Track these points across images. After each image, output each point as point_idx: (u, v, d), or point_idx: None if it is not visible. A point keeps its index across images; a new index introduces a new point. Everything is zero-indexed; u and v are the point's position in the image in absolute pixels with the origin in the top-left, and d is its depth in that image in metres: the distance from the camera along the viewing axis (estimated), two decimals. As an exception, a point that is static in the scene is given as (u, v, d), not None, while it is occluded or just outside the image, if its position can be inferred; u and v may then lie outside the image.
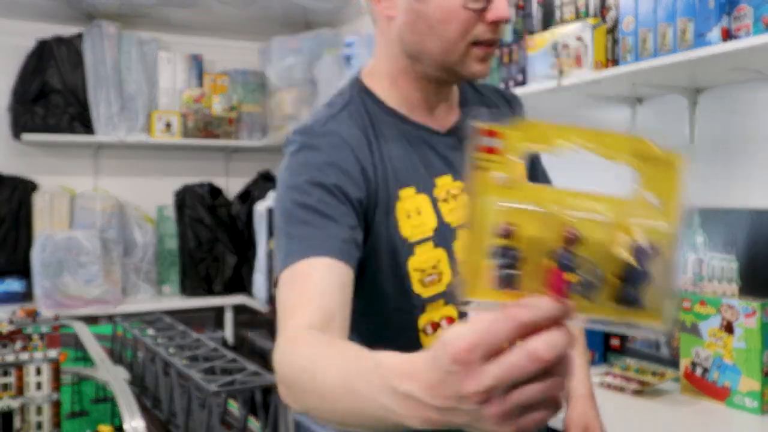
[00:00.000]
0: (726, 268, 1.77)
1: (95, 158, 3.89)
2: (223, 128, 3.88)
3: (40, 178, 3.69)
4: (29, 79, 3.55)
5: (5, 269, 3.46)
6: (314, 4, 3.63)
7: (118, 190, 3.84)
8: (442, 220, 0.97)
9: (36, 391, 1.41)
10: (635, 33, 1.74)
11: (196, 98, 3.83)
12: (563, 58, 1.91)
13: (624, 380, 1.77)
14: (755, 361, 1.61)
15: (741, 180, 1.84)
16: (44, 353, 1.42)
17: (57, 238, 3.36)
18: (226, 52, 4.16)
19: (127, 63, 3.68)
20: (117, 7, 3.57)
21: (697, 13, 1.58)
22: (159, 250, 3.80)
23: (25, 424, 1.40)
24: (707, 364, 1.70)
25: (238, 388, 1.42)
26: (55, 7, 3.54)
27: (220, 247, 3.75)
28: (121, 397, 1.49)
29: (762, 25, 1.44)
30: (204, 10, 3.66)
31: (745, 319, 1.63)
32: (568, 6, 1.96)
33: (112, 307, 3.41)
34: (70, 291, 3.33)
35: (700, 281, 1.83)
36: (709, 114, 1.92)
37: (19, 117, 3.53)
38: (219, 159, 4.22)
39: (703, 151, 1.94)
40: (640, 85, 1.87)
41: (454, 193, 0.99)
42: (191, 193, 3.76)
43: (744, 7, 1.48)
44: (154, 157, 4.04)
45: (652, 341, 1.94)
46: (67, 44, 3.59)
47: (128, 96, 3.69)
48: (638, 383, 1.74)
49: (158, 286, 3.80)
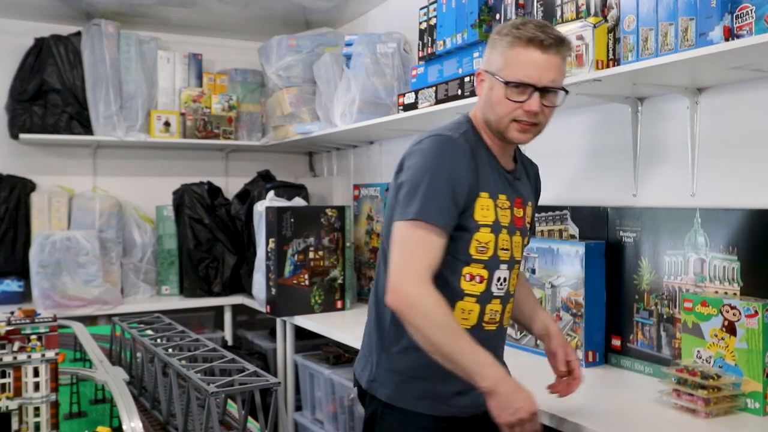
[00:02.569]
0: (727, 268, 1.76)
1: (94, 158, 3.88)
2: (223, 128, 3.88)
3: (39, 177, 3.68)
4: (27, 78, 3.54)
5: (3, 269, 3.46)
6: (314, 4, 3.62)
7: (116, 189, 3.84)
8: (497, 218, 1.51)
9: (34, 392, 1.40)
10: (636, 32, 1.73)
11: (196, 98, 3.83)
12: (564, 57, 1.90)
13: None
14: (757, 362, 1.61)
15: (743, 180, 1.84)
16: (42, 354, 1.41)
17: (55, 238, 3.35)
18: (226, 51, 4.15)
19: (126, 62, 3.67)
20: (116, 6, 3.56)
21: (698, 12, 1.57)
22: (158, 250, 3.79)
23: (23, 425, 1.39)
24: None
25: (237, 388, 1.41)
26: (54, 6, 3.53)
27: (220, 247, 3.74)
28: (120, 398, 1.49)
29: (764, 24, 1.43)
30: (203, 10, 3.65)
31: (746, 320, 1.63)
32: (569, 5, 1.96)
33: (111, 308, 3.40)
34: (69, 291, 3.32)
35: (701, 282, 1.83)
36: (711, 113, 1.92)
37: (17, 116, 3.53)
38: (218, 158, 4.21)
39: (705, 151, 1.93)
40: (641, 84, 1.87)
41: (505, 206, 1.53)
42: (190, 192, 3.75)
43: (746, 5, 1.47)
44: (153, 157, 4.03)
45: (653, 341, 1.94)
46: (66, 43, 3.58)
47: (127, 95, 3.68)
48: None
49: (157, 286, 3.80)
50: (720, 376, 1.63)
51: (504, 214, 1.52)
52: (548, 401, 1.69)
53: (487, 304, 1.53)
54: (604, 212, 2.12)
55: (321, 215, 3.09)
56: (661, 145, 2.06)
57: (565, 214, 2.25)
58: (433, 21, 2.51)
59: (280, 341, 3.28)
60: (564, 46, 1.46)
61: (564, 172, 2.39)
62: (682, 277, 1.88)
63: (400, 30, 3.15)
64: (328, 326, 2.80)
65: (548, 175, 2.39)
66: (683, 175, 1.97)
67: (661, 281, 1.94)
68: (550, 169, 2.41)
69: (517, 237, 1.57)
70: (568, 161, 2.36)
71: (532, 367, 2.05)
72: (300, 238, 3.05)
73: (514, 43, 1.44)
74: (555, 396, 1.60)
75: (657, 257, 1.95)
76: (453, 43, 2.39)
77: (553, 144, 2.37)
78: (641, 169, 2.12)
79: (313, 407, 3.05)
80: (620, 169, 2.18)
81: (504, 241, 1.53)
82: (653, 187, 2.09)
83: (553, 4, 2.01)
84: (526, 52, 1.42)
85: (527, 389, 1.38)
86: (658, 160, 2.07)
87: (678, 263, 1.89)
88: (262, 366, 3.41)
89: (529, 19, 1.55)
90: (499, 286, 1.55)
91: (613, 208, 2.10)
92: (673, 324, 1.90)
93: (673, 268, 1.90)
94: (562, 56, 1.46)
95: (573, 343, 2.07)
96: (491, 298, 1.54)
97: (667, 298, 1.92)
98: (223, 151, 4.17)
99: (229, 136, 3.89)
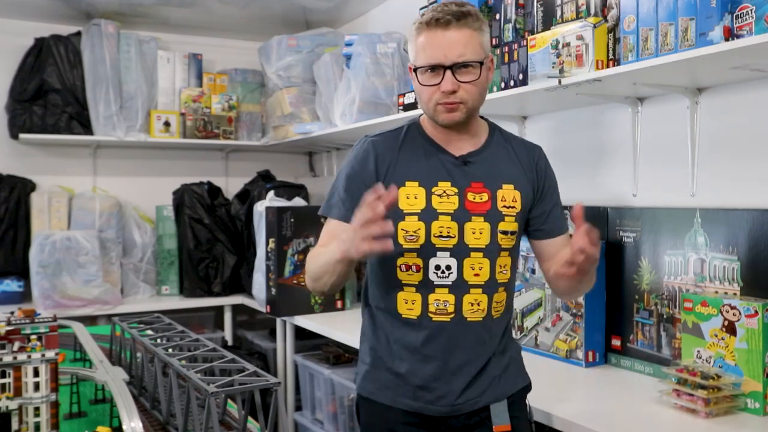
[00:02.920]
0: (727, 268, 1.76)
1: (94, 158, 3.88)
2: (223, 128, 3.88)
3: (39, 177, 3.68)
4: (27, 78, 3.54)
5: (3, 269, 3.46)
6: (314, 4, 3.62)
7: (116, 189, 3.84)
8: (429, 206, 1.50)
9: (34, 392, 1.40)
10: (636, 32, 1.73)
11: (195, 98, 3.83)
12: (564, 57, 1.90)
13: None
14: (757, 362, 1.61)
15: (743, 180, 1.84)
16: (42, 354, 1.41)
17: (55, 238, 3.35)
18: (226, 51, 4.15)
19: (126, 62, 3.67)
20: (116, 6, 3.56)
21: (698, 12, 1.57)
22: (158, 250, 3.79)
23: (23, 425, 1.39)
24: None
25: (237, 388, 1.41)
26: (54, 6, 3.53)
27: (219, 247, 3.74)
28: (120, 398, 1.49)
29: (764, 24, 1.43)
30: (203, 10, 3.65)
31: (746, 320, 1.63)
32: (569, 4, 1.95)
33: (111, 308, 3.40)
34: (69, 291, 3.32)
35: (701, 282, 1.83)
36: (711, 113, 1.92)
37: (17, 116, 3.52)
38: (218, 158, 4.21)
39: (705, 151, 1.93)
40: (641, 84, 1.87)
41: (451, 193, 1.51)
42: (190, 192, 3.75)
43: (746, 5, 1.47)
44: (152, 157, 4.03)
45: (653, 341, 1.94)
46: (66, 43, 3.58)
47: (127, 95, 3.68)
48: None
49: (157, 286, 3.79)
50: (720, 376, 1.63)
51: (446, 201, 1.49)
52: (549, 401, 1.69)
53: (430, 293, 1.49)
54: (604, 212, 2.12)
55: (321, 215, 3.08)
56: (661, 145, 2.06)
57: (565, 214, 2.24)
58: (433, 21, 2.50)
59: (280, 341, 3.28)
60: (466, 17, 1.44)
61: (564, 171, 2.38)
62: (682, 277, 1.88)
63: (400, 30, 3.15)
64: (328, 326, 2.80)
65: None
66: (683, 175, 1.97)
67: (661, 281, 1.94)
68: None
69: (477, 223, 1.49)
70: (568, 161, 2.36)
71: (532, 367, 2.05)
72: (300, 238, 3.05)
73: (419, 29, 1.47)
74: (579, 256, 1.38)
75: (657, 257, 1.95)
76: (453, 43, 2.38)
77: (553, 144, 2.37)
78: (641, 169, 2.12)
79: (313, 407, 3.05)
80: (620, 169, 2.18)
81: (443, 228, 1.48)
82: (653, 187, 2.09)
83: (553, 4, 2.01)
84: (429, 34, 1.45)
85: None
86: (657, 160, 2.07)
87: (678, 263, 1.89)
88: (262, 366, 3.41)
89: (439, 3, 1.51)
90: (441, 275, 1.49)
91: (613, 208, 2.10)
92: (673, 324, 1.90)
93: (673, 268, 1.90)
94: (471, 28, 1.44)
95: (573, 343, 2.07)
96: (433, 286, 1.49)
97: (667, 298, 1.92)
98: (223, 151, 4.17)
99: (229, 136, 3.89)
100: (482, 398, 1.51)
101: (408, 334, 1.52)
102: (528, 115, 2.52)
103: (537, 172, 1.60)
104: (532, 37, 2.03)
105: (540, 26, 2.06)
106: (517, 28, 2.16)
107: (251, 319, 4.16)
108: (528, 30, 2.12)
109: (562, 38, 1.91)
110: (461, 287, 1.50)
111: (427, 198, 1.50)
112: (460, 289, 1.50)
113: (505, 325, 1.58)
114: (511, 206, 1.53)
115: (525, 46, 2.07)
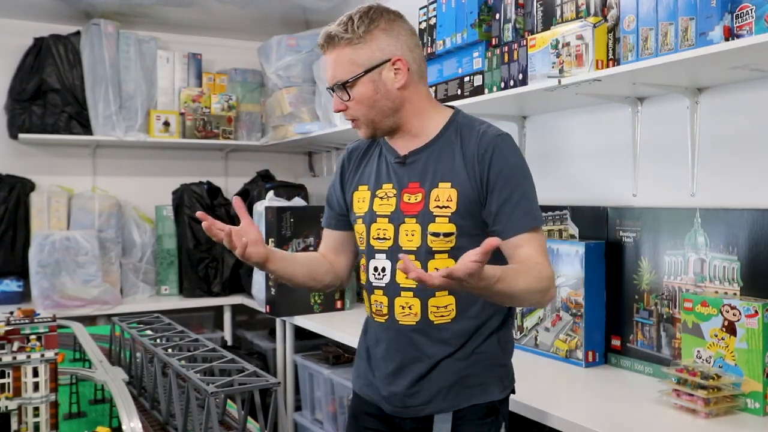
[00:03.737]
0: (727, 268, 1.76)
1: (93, 158, 3.88)
2: (222, 128, 3.87)
3: (38, 177, 3.68)
4: (27, 78, 3.54)
5: (2, 269, 3.45)
6: (314, 3, 3.62)
7: (116, 189, 3.83)
8: (371, 209, 1.53)
9: (33, 392, 1.39)
10: (636, 32, 1.73)
11: (195, 97, 3.82)
12: (564, 57, 1.90)
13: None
14: (757, 362, 1.61)
15: (743, 180, 1.84)
16: (42, 354, 1.40)
17: (55, 238, 3.35)
18: (225, 51, 4.15)
19: (125, 62, 3.67)
20: (116, 6, 3.55)
21: (698, 11, 1.57)
22: (157, 250, 3.79)
23: (22, 425, 1.39)
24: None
25: (237, 388, 1.41)
26: (54, 6, 3.53)
27: (219, 247, 3.74)
28: (119, 398, 1.48)
29: (764, 24, 1.43)
30: (203, 9, 3.65)
31: (746, 320, 1.62)
32: (569, 4, 1.95)
33: (110, 308, 3.40)
34: (68, 291, 3.32)
35: (701, 282, 1.82)
36: (711, 113, 1.91)
37: (17, 116, 3.52)
38: (218, 158, 4.21)
39: (705, 151, 1.93)
40: (641, 84, 1.87)
41: (390, 195, 1.51)
42: (190, 192, 3.75)
43: (746, 5, 1.47)
44: (152, 157, 4.03)
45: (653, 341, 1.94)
46: (65, 43, 3.58)
47: (126, 95, 3.68)
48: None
49: (156, 286, 3.79)
50: (720, 376, 1.63)
51: (386, 203, 1.49)
52: (548, 402, 1.69)
53: (371, 294, 1.52)
54: (604, 212, 2.12)
55: (320, 215, 3.08)
56: (660, 145, 2.06)
57: (565, 214, 2.24)
58: (433, 21, 2.51)
59: (279, 341, 3.27)
60: (332, 39, 1.43)
61: (564, 172, 2.38)
62: (682, 277, 1.88)
63: (400, 30, 3.14)
64: (328, 326, 2.80)
65: (548, 175, 2.40)
66: (683, 175, 1.97)
67: (661, 281, 1.94)
68: (550, 169, 2.41)
69: (410, 225, 1.44)
70: (567, 161, 2.36)
71: (532, 366, 2.05)
72: (299, 237, 3.04)
73: None
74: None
75: (657, 257, 1.95)
76: (453, 42, 2.39)
77: (553, 144, 2.37)
78: (641, 169, 2.12)
79: (312, 407, 3.05)
80: (620, 169, 2.18)
81: (380, 230, 1.49)
82: (653, 187, 2.09)
83: (553, 4, 2.01)
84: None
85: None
86: (657, 160, 2.07)
87: (678, 263, 1.89)
88: (262, 366, 3.41)
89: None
90: (377, 276, 1.50)
91: (613, 208, 2.10)
92: (673, 324, 1.89)
93: (673, 268, 1.90)
94: (338, 48, 1.43)
95: (573, 343, 2.07)
96: (372, 288, 1.52)
97: (667, 298, 1.92)
98: (222, 151, 4.17)
99: (229, 136, 3.89)
100: (427, 407, 1.46)
101: (368, 331, 1.60)
102: (528, 115, 2.51)
103: (481, 165, 1.41)
104: (531, 37, 2.03)
105: (540, 26, 2.06)
106: (517, 27, 2.16)
107: (251, 319, 4.16)
108: (528, 30, 2.12)
109: (561, 38, 1.91)
110: (393, 289, 1.47)
111: (370, 201, 1.53)
112: (392, 291, 1.47)
113: (467, 332, 1.45)
114: (445, 206, 1.42)
115: (525, 45, 2.07)
